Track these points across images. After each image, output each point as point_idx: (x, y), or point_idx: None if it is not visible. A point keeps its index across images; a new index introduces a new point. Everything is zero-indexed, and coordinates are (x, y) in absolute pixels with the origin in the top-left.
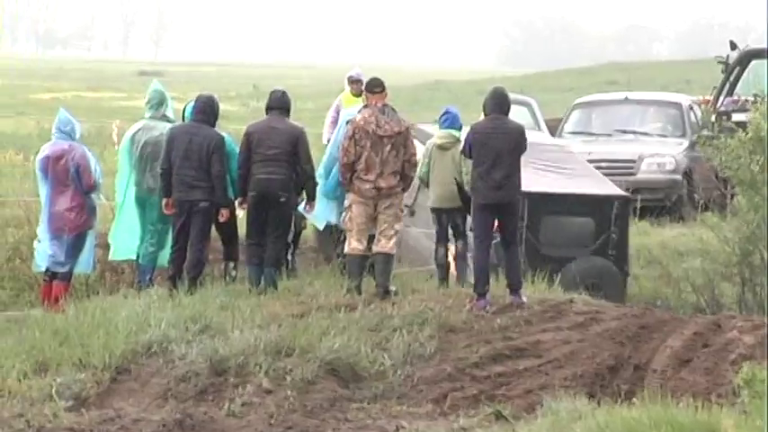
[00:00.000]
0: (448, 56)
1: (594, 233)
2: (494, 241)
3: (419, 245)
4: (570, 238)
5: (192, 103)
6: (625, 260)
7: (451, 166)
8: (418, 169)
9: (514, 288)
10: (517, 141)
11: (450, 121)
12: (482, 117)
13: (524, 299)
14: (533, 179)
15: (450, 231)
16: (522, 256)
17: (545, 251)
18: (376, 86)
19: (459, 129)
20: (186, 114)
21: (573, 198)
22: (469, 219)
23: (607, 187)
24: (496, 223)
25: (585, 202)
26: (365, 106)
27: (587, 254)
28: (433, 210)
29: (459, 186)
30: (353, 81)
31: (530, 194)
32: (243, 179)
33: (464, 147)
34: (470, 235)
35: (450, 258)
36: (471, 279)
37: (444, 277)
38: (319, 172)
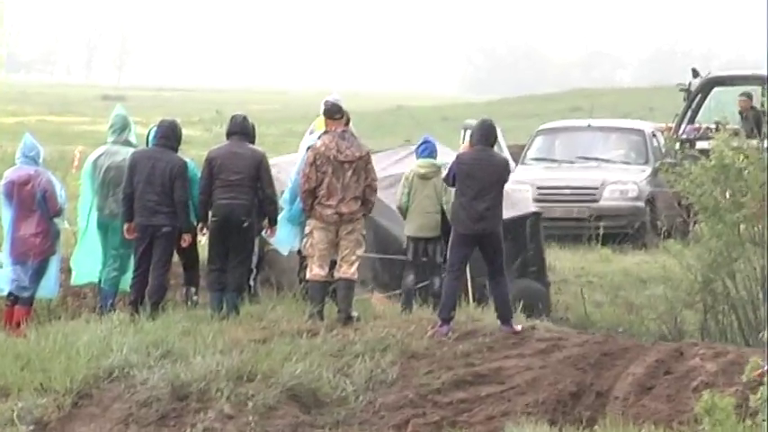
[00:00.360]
0: (410, 81)
1: (513, 255)
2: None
3: None
4: None
5: (155, 128)
6: (544, 272)
7: (433, 195)
8: (396, 198)
9: (505, 318)
10: (501, 174)
11: (429, 150)
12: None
13: (518, 327)
14: None
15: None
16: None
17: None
18: (335, 112)
19: (435, 157)
20: (149, 139)
21: None
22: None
23: (517, 208)
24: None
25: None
26: (325, 132)
27: (511, 277)
28: (411, 238)
29: (443, 215)
30: None
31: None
32: (204, 204)
33: (447, 175)
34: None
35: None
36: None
37: (409, 304)
38: (285, 197)
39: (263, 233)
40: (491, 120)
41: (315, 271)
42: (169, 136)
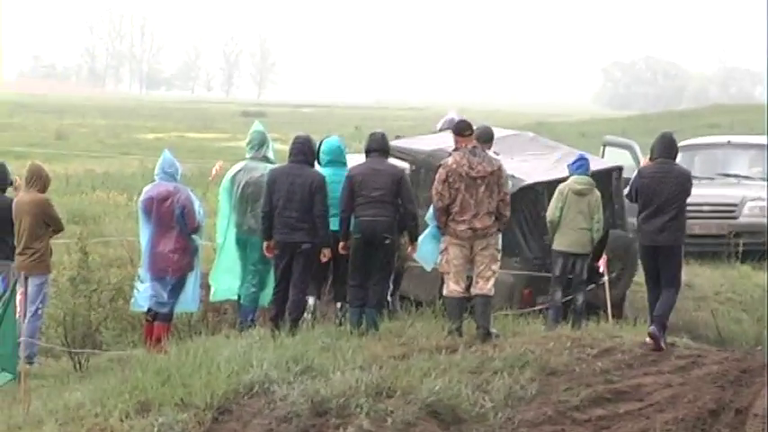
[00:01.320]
0: (547, 96)
1: (602, 206)
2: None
3: None
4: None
5: (291, 145)
6: (625, 226)
7: (587, 212)
8: (549, 212)
9: (658, 322)
10: (684, 186)
11: (585, 167)
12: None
13: (663, 345)
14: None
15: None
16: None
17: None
18: (465, 129)
19: (589, 174)
20: (319, 155)
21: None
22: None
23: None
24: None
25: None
26: (456, 149)
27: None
28: (560, 253)
29: (600, 234)
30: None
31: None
32: (346, 222)
33: (630, 190)
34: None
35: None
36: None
37: (557, 320)
38: (429, 214)
39: (406, 249)
40: (671, 132)
41: (451, 287)
42: (305, 151)
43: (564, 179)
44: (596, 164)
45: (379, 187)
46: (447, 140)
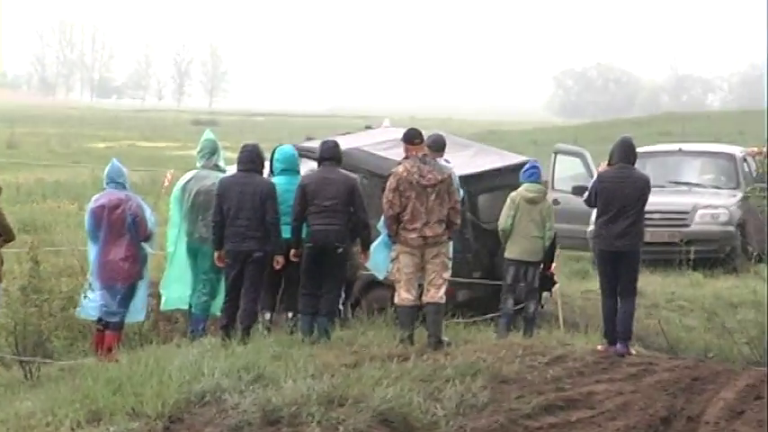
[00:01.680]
0: (499, 103)
1: None
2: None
3: None
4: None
5: (239, 153)
6: None
7: (539, 220)
8: (501, 221)
9: (623, 338)
10: (643, 192)
11: (536, 174)
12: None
13: (632, 351)
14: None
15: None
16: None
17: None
18: (415, 137)
19: (540, 182)
20: (272, 163)
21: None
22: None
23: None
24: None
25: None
26: (405, 157)
27: None
28: (512, 261)
29: (551, 241)
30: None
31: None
32: (297, 231)
33: (589, 195)
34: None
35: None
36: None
37: (508, 328)
38: (381, 222)
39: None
40: (630, 137)
41: (403, 295)
42: (254, 159)
43: (478, 175)
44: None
45: (331, 196)
46: (358, 140)
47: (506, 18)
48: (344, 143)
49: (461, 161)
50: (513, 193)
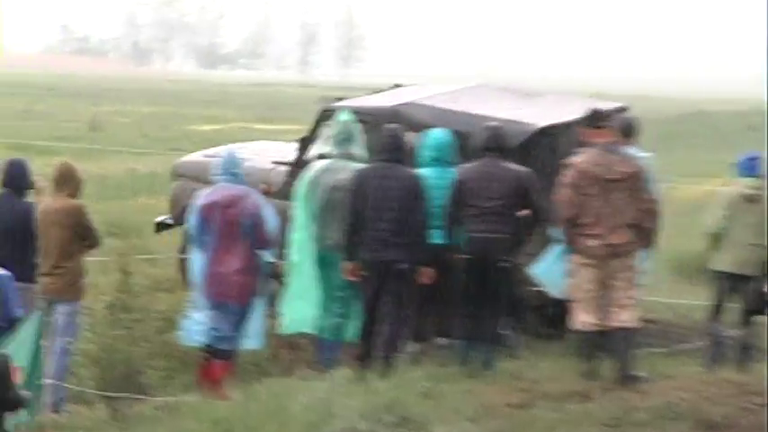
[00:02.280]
0: (697, 77)
1: None
2: None
3: None
4: None
5: (380, 139)
6: None
7: (758, 223)
8: (709, 222)
9: None
10: None
11: (756, 167)
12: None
13: None
14: None
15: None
16: None
17: None
18: (601, 120)
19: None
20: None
21: None
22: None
23: None
24: None
25: None
26: (587, 145)
27: None
28: (724, 275)
29: None
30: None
31: None
32: (450, 237)
33: None
34: None
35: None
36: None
37: (718, 358)
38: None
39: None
40: None
41: (582, 318)
42: (397, 147)
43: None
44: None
45: (495, 196)
46: (406, 94)
47: None
48: (388, 99)
49: (545, 109)
50: (725, 189)
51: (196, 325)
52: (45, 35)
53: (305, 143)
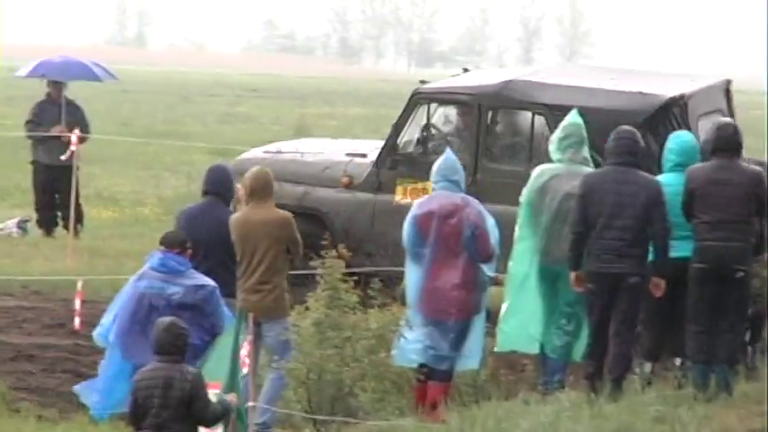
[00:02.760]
0: None
1: None
2: None
3: None
4: None
5: (612, 141)
6: None
7: None
8: None
9: None
10: None
11: None
12: None
13: None
14: None
15: None
16: None
17: None
18: None
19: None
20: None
21: None
22: None
23: None
24: None
25: None
26: None
27: None
28: None
29: None
30: None
31: None
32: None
33: None
34: None
35: None
36: None
37: None
38: None
39: None
40: None
41: None
42: (632, 150)
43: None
44: None
45: (728, 203)
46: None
47: None
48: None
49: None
50: None
51: (411, 344)
52: (247, 32)
53: (396, 130)
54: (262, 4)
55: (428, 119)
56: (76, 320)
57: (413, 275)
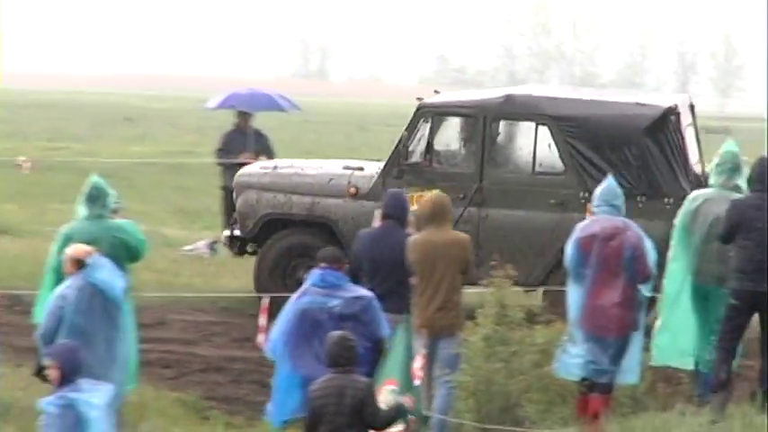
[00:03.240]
0: None
1: None
2: None
3: None
4: None
5: (755, 168)
6: None
7: None
8: None
9: None
10: None
11: None
12: None
13: None
14: None
15: None
16: None
17: None
18: None
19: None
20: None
21: None
22: None
23: None
24: None
25: None
26: None
27: None
28: None
29: None
30: None
31: None
32: None
33: None
34: None
35: None
36: None
37: None
38: None
39: None
40: None
41: None
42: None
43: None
44: None
45: None
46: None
47: None
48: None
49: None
50: None
51: (573, 358)
52: (421, 66)
53: (403, 141)
54: (435, 40)
55: (433, 130)
56: (260, 336)
57: (574, 294)
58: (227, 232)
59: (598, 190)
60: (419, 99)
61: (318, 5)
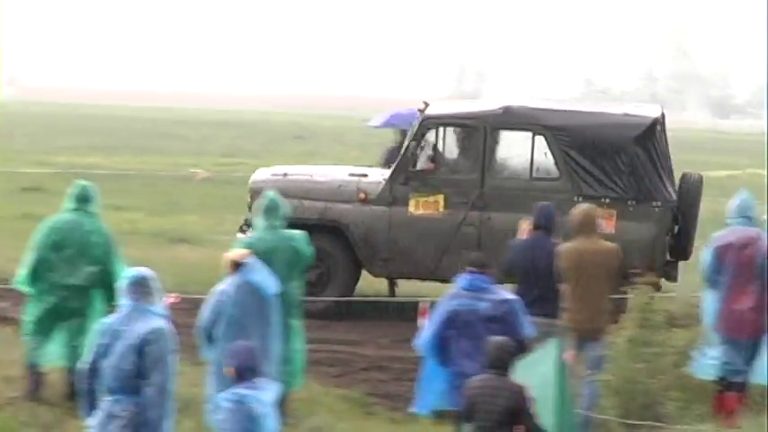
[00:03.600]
0: None
1: None
2: None
3: None
4: None
5: None
6: None
7: None
8: None
9: None
10: None
11: None
12: None
13: None
14: None
15: None
16: None
17: None
18: None
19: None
20: None
21: None
22: None
23: None
24: None
25: None
26: None
27: None
28: None
29: None
30: None
31: None
32: None
33: None
34: None
35: None
36: None
37: None
38: None
39: None
40: None
41: None
42: None
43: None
44: None
45: None
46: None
47: None
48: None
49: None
50: None
51: (709, 359)
52: (568, 88)
53: (409, 150)
54: (581, 63)
55: (437, 140)
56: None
57: (712, 299)
58: (239, 235)
59: (733, 204)
60: (421, 111)
61: (477, 32)
